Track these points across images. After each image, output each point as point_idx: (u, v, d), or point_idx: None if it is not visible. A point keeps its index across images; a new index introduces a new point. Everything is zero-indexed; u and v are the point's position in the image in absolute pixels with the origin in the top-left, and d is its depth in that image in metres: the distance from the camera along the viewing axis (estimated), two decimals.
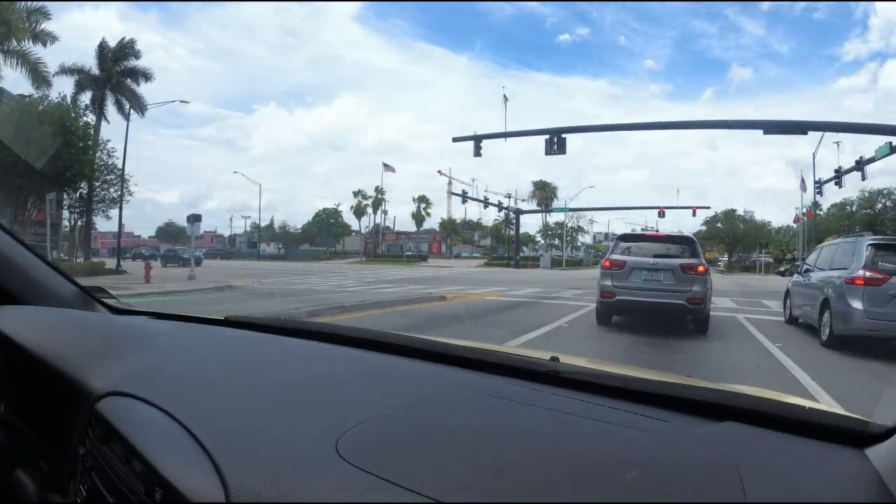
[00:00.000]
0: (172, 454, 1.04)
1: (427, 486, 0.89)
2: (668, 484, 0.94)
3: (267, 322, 2.13)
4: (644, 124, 33.87)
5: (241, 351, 1.77)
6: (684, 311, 10.20)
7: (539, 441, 1.11)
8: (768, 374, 7.14)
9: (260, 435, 1.10)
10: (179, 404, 1.21)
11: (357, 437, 1.05)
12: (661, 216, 61.92)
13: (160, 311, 2.25)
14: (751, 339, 10.36)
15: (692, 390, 1.37)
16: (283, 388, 1.38)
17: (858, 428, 1.08)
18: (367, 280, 27.82)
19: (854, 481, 0.94)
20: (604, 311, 11.11)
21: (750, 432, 1.13)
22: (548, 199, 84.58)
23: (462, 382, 1.43)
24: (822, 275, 10.76)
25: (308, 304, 13.58)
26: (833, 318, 9.34)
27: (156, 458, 1.04)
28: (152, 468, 1.02)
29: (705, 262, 10.65)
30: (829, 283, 9.97)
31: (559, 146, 29.85)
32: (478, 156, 31.94)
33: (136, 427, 1.18)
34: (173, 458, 1.03)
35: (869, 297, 8.74)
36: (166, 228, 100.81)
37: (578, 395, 1.33)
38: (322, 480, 0.93)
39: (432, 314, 12.92)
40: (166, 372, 1.51)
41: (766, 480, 0.95)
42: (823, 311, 9.87)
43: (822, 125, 29.12)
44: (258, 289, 20.74)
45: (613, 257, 10.88)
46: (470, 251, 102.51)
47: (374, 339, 1.82)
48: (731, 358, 8.43)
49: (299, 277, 29.56)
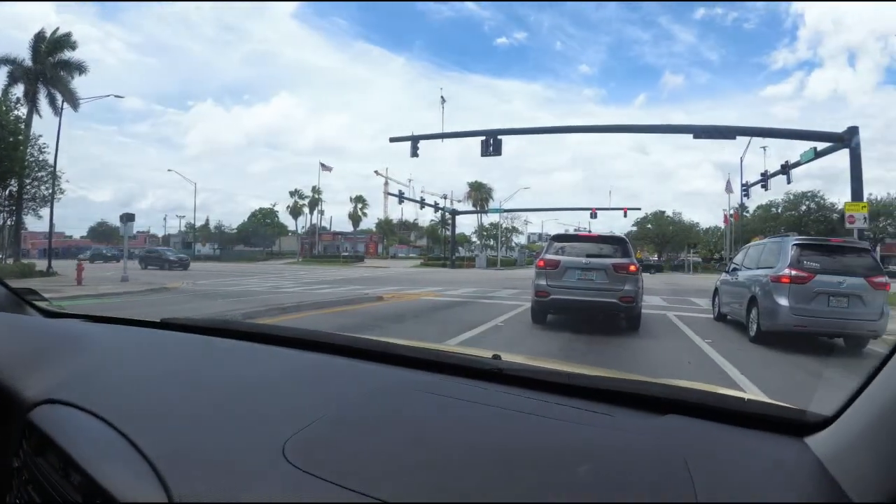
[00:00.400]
0: (112, 464, 1.00)
1: (378, 488, 0.89)
2: (620, 477, 0.96)
3: (205, 324, 2.08)
4: (578, 127, 34.49)
5: (180, 354, 1.73)
6: (617, 309, 10.35)
7: (487, 439, 1.11)
8: (699, 369, 7.30)
9: (203, 441, 1.07)
10: (118, 411, 1.17)
11: (304, 440, 1.04)
12: (593, 217, 63.18)
13: (94, 314, 2.17)
14: (681, 336, 10.58)
15: (638, 385, 1.38)
16: (224, 391, 1.35)
17: (796, 417, 1.13)
18: (305, 281, 27.48)
19: (798, 468, 0.98)
20: (539, 309, 11.21)
21: (693, 424, 1.16)
22: (483, 199, 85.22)
23: (406, 382, 1.43)
24: (750, 273, 11.18)
25: (246, 305, 13.39)
26: (760, 315, 9.76)
27: (94, 469, 0.99)
28: (91, 479, 0.98)
29: (636, 262, 10.85)
30: (756, 282, 10.37)
31: (495, 148, 30.10)
32: (415, 156, 31.94)
33: (72, 436, 1.13)
34: (113, 467, 0.99)
35: (794, 294, 9.17)
36: (98, 228, 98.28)
37: (522, 393, 1.34)
38: (271, 486, 0.91)
39: (371, 314, 12.81)
40: (103, 377, 1.46)
41: (713, 470, 0.98)
42: (751, 309, 10.25)
43: (749, 130, 30.21)
44: (194, 290, 20.20)
45: (548, 257, 10.96)
46: (406, 251, 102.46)
47: (316, 340, 1.79)
48: (663, 354, 8.58)
49: (235, 279, 28.92)
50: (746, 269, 11.75)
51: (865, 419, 0.90)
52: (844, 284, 9.05)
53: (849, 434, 0.94)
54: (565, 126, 35.68)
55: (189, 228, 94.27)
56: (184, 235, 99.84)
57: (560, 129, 35.73)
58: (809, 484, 0.93)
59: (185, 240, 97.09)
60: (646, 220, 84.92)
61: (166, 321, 2.07)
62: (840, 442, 0.96)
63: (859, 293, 9.02)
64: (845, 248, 9.97)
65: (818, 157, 26.95)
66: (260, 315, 11.29)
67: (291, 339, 1.82)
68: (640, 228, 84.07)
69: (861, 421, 0.91)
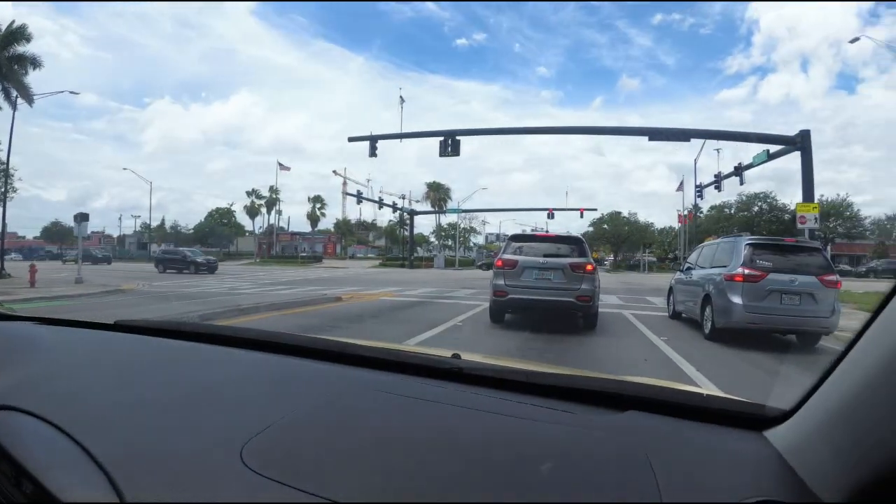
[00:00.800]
0: (65, 472, 0.97)
1: (338, 491, 0.88)
2: (583, 473, 0.97)
3: (160, 326, 2.04)
4: (535, 129, 34.82)
5: (134, 357, 1.68)
6: (574, 308, 10.45)
7: (449, 438, 1.11)
8: (656, 367, 7.37)
9: (158, 446, 1.05)
10: (70, 417, 1.14)
11: (262, 444, 1.02)
12: (550, 217, 63.67)
13: (47, 317, 2.09)
14: (638, 334, 10.72)
15: (598, 382, 1.38)
16: (180, 394, 1.33)
17: (755, 412, 1.16)
18: (263, 282, 27.14)
19: (759, 461, 1.00)
20: (497, 309, 11.23)
21: (654, 420, 1.17)
22: (441, 200, 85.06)
23: (366, 382, 1.42)
24: (704, 272, 11.45)
25: (203, 307, 13.18)
26: (714, 313, 10.02)
27: (47, 478, 0.96)
28: (43, 489, 0.94)
29: (593, 262, 10.94)
30: (710, 280, 10.61)
31: (453, 148, 30.13)
32: (373, 156, 31.81)
33: (23, 444, 1.08)
34: (66, 476, 0.96)
35: (747, 292, 9.42)
36: (52, 228, 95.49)
37: (482, 392, 1.34)
38: (228, 492, 0.89)
39: (330, 315, 12.68)
40: (55, 382, 1.41)
41: (675, 464, 0.99)
42: (705, 307, 10.52)
43: (704, 133, 30.89)
44: (150, 292, 19.77)
45: (505, 257, 11.00)
46: (365, 252, 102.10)
47: (274, 341, 1.77)
48: (620, 352, 8.66)
49: (192, 280, 28.39)
50: (700, 268, 12.02)
51: (822, 413, 0.92)
52: (796, 283, 9.29)
53: (807, 427, 0.97)
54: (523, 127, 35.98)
55: (144, 228, 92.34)
56: (139, 236, 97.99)
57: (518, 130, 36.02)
58: (770, 475, 0.96)
59: (140, 240, 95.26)
60: (602, 220, 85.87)
61: (120, 323, 2.02)
62: (798, 435, 0.99)
63: (811, 291, 9.25)
64: (797, 248, 10.24)
65: (770, 159, 27.59)
66: (217, 317, 11.13)
67: (249, 341, 1.80)
68: (596, 229, 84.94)
69: (818, 414, 0.94)
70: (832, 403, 0.90)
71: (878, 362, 0.80)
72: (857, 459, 0.81)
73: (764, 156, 27.95)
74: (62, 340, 1.85)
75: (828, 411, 0.91)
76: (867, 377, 0.81)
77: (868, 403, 0.82)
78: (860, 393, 0.83)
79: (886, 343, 0.78)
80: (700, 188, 40.96)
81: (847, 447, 0.84)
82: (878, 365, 0.79)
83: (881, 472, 0.76)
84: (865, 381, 0.82)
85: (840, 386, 0.89)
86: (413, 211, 73.29)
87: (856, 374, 0.85)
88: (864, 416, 0.82)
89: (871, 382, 0.81)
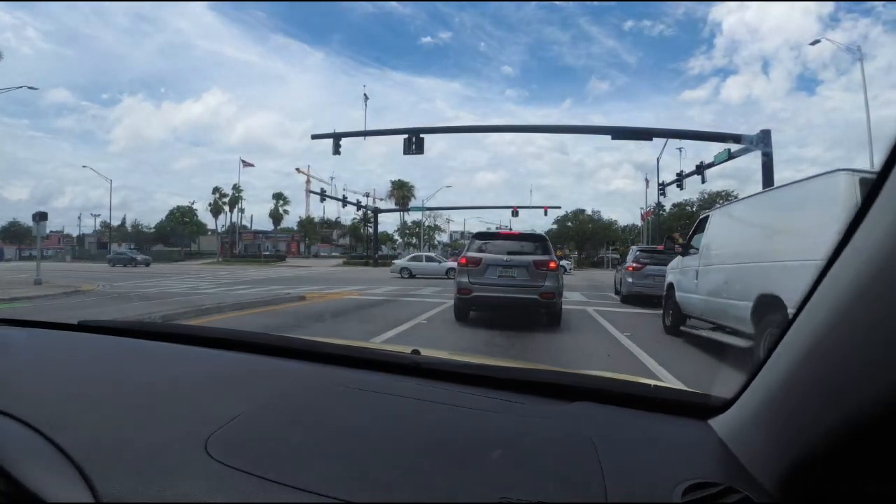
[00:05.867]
0: (37, 467, 0.98)
1: (298, 477, 0.92)
2: (530, 459, 1.01)
3: (123, 326, 2.07)
4: (500, 127, 35.26)
5: (98, 356, 1.69)
6: (538, 305, 10.52)
7: (406, 429, 1.16)
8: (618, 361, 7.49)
9: (126, 440, 1.06)
10: (38, 414, 1.14)
11: (226, 436, 1.05)
12: (514, 215, 64.24)
13: (8, 318, 2.11)
14: (600, 330, 10.90)
15: (549, 375, 1.46)
16: (144, 391, 1.35)
17: (700, 401, 1.22)
18: (225, 281, 26.68)
19: (701, 448, 1.05)
20: (461, 306, 11.27)
21: (602, 410, 1.23)
22: (406, 198, 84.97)
23: (327, 378, 1.46)
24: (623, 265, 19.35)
25: (165, 307, 12.88)
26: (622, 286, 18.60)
27: (20, 473, 0.95)
28: (17, 483, 0.94)
29: (556, 259, 11.07)
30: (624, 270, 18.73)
31: (417, 146, 30.20)
32: (337, 154, 31.75)
33: None
34: (38, 471, 0.97)
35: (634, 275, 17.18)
36: (10, 228, 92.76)
37: (440, 385, 1.40)
38: (194, 482, 0.92)
39: (294, 314, 12.55)
40: (20, 381, 1.41)
41: (620, 451, 1.03)
42: (618, 282, 19.75)
43: (666, 132, 31.56)
44: (110, 293, 19.31)
45: (470, 255, 11.02)
46: (329, 250, 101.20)
47: (237, 339, 1.80)
48: (582, 347, 8.76)
49: (152, 280, 27.84)
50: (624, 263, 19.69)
51: (758, 400, 0.97)
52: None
53: (745, 414, 1.02)
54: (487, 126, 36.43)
55: (104, 228, 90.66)
56: (99, 235, 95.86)
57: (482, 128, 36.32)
58: (712, 461, 1.01)
59: (100, 240, 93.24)
60: (566, 218, 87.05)
61: (84, 323, 2.03)
62: (738, 422, 1.04)
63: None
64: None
65: (731, 158, 28.27)
66: (180, 317, 10.89)
67: (212, 339, 1.83)
68: (560, 227, 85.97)
69: (755, 402, 0.99)
70: (766, 391, 0.95)
71: (802, 352, 0.84)
72: (786, 443, 0.86)
73: (725, 154, 28.62)
74: (26, 341, 1.87)
75: (762, 399, 0.96)
76: (794, 366, 0.86)
77: (795, 390, 0.86)
78: (789, 379, 0.87)
79: (811, 331, 0.82)
80: (663, 186, 41.60)
81: (781, 433, 0.88)
82: (803, 354, 0.83)
83: (807, 455, 0.81)
84: (792, 370, 0.86)
85: (773, 373, 0.93)
86: (377, 209, 72.89)
87: (785, 363, 0.89)
88: (792, 402, 0.87)
89: (797, 371, 0.85)
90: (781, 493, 0.85)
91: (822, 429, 0.77)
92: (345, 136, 32.18)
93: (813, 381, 0.81)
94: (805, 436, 0.81)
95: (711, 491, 0.88)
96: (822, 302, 0.80)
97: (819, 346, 0.79)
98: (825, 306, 0.78)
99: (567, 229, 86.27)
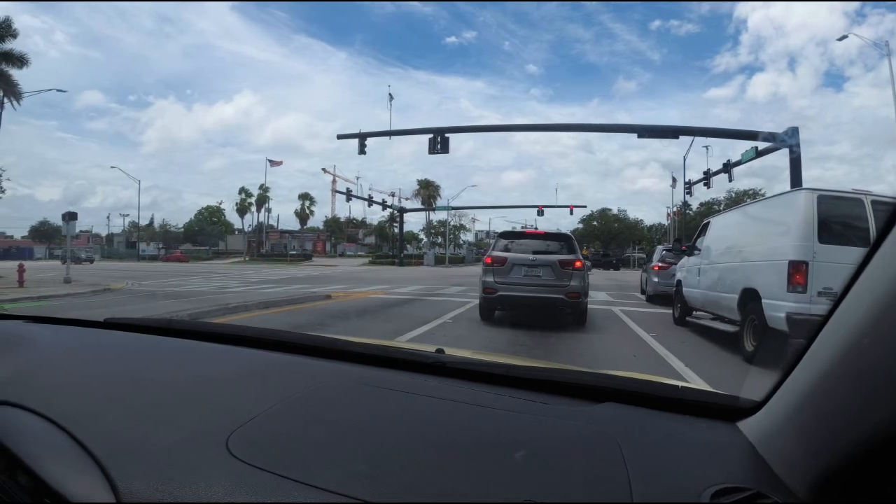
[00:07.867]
0: (59, 463, 0.99)
1: (319, 477, 0.91)
2: (555, 460, 1.00)
3: (148, 323, 2.07)
4: (525, 126, 35.18)
5: (123, 353, 1.71)
6: (563, 304, 10.45)
7: (429, 429, 1.15)
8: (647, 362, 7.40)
9: (148, 437, 1.07)
10: (62, 410, 1.15)
11: (248, 434, 1.05)
12: (540, 215, 63.76)
13: (38, 315, 2.11)
14: (626, 330, 10.81)
15: (575, 375, 1.43)
16: (168, 388, 1.35)
17: (729, 403, 1.20)
18: (251, 280, 27.00)
19: (730, 452, 1.03)
20: (486, 306, 11.23)
21: (628, 411, 1.21)
22: (431, 197, 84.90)
23: (351, 377, 1.45)
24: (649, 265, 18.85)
25: (192, 305, 13.06)
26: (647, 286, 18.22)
27: (42, 469, 0.97)
28: (39, 479, 0.96)
29: (582, 258, 10.99)
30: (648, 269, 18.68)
31: (442, 146, 30.27)
32: (362, 153, 31.98)
33: (18, 437, 1.09)
34: (60, 467, 0.98)
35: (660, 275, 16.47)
36: (40, 228, 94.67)
37: (464, 385, 1.38)
38: (215, 479, 0.92)
39: (319, 313, 12.60)
40: (47, 377, 1.43)
41: (647, 453, 1.02)
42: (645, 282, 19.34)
43: (692, 130, 31.08)
44: (139, 291, 19.61)
45: (495, 254, 11.00)
46: (354, 249, 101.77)
47: (262, 337, 1.80)
48: (608, 347, 8.69)
49: (180, 279, 28.22)
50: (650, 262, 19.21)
51: (789, 403, 0.95)
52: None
53: (776, 417, 0.99)
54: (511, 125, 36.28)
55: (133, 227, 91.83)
56: (127, 235, 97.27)
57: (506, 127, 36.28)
58: (739, 464, 0.99)
59: (128, 239, 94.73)
60: (591, 217, 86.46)
61: (110, 321, 2.04)
62: (768, 425, 1.01)
63: None
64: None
65: (759, 156, 27.82)
66: (206, 315, 10.99)
67: (237, 337, 1.82)
68: (586, 226, 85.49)
69: (786, 404, 0.96)
70: (797, 393, 0.92)
71: (837, 352, 0.81)
72: (820, 448, 0.83)
73: (752, 153, 28.18)
74: (53, 338, 1.87)
75: (794, 401, 0.93)
76: (829, 367, 0.83)
77: (829, 393, 0.84)
78: (822, 383, 0.85)
79: (846, 333, 0.80)
80: (689, 185, 41.11)
81: (813, 436, 0.86)
82: (838, 354, 0.81)
83: (842, 461, 0.78)
84: (827, 371, 0.84)
85: (805, 376, 0.91)
86: (403, 208, 73.10)
87: (818, 364, 0.86)
88: (825, 406, 0.85)
89: (833, 372, 0.82)
90: (813, 501, 0.83)
91: (858, 435, 0.74)
92: (370, 135, 32.38)
93: (847, 386, 0.79)
94: (839, 441, 0.78)
95: (740, 496, 0.86)
96: (858, 302, 0.77)
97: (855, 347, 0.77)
98: (861, 306, 0.76)
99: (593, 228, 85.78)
